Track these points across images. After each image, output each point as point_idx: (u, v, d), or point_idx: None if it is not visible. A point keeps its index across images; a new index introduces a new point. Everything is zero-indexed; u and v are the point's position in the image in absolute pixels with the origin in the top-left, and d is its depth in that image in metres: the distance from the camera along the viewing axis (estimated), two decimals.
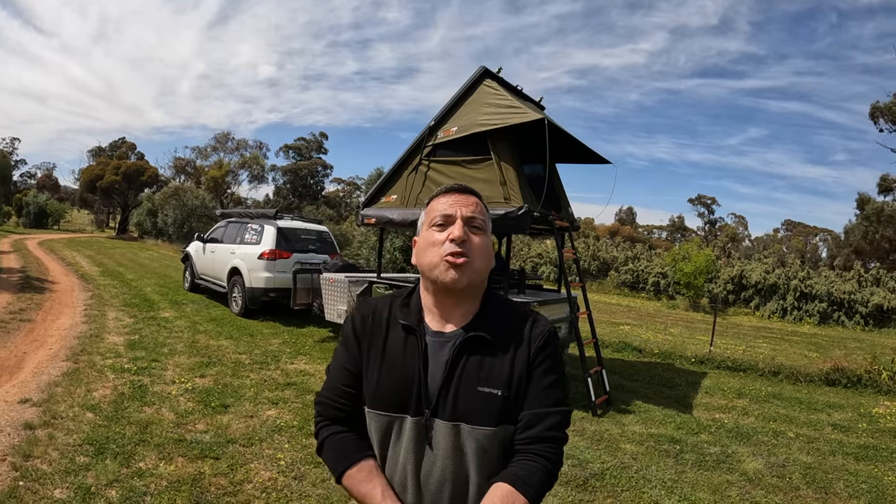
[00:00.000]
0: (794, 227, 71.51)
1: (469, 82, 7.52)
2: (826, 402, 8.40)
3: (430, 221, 1.61)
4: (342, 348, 1.68)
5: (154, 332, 9.30)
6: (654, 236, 67.65)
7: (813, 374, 9.89)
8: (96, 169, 47.64)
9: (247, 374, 7.36)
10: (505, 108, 7.02)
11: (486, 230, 1.62)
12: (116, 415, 5.39)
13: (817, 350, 13.59)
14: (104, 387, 6.23)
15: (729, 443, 6.24)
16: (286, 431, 5.44)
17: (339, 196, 64.17)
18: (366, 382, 1.59)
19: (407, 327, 1.59)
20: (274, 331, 10.49)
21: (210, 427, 5.34)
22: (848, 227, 33.34)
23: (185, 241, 31.00)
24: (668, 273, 25.07)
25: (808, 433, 6.88)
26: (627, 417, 6.92)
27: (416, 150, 7.90)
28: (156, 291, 14.17)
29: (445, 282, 1.53)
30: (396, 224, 8.06)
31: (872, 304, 20.69)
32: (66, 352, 7.57)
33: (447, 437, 1.51)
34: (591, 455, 5.51)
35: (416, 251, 1.64)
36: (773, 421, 7.30)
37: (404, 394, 1.53)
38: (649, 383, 8.80)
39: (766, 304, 22.42)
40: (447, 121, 7.63)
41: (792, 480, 5.33)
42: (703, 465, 5.54)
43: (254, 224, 12.53)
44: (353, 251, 20.92)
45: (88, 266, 19.54)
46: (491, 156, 7.05)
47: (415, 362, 1.55)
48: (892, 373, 9.70)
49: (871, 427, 7.36)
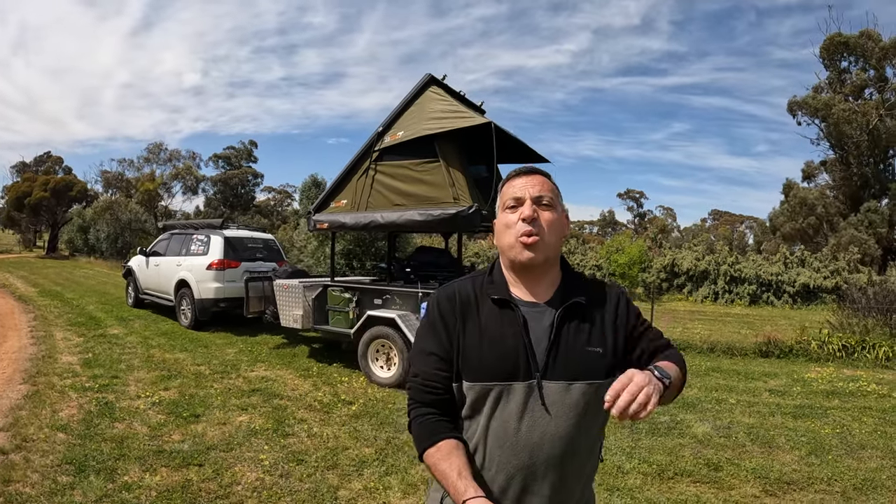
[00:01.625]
0: (720, 216, 73.39)
1: (415, 89, 7.77)
2: (762, 372, 9.02)
3: (504, 205, 1.71)
4: (428, 332, 1.72)
5: (107, 349, 9.24)
6: (585, 231, 68.69)
7: (747, 349, 10.59)
8: (23, 185, 45.91)
9: (210, 384, 7.43)
10: (451, 112, 7.31)
11: (554, 206, 1.69)
12: (89, 433, 5.42)
13: (750, 328, 14.28)
14: (69, 406, 6.22)
15: (676, 412, 6.69)
16: (262, 434, 5.59)
17: (271, 205, 63.45)
18: (463, 358, 1.64)
19: (500, 301, 1.66)
20: (227, 341, 10.54)
21: (186, 436, 5.45)
22: (773, 213, 34.49)
23: (119, 257, 30.45)
24: (603, 265, 25.66)
25: (748, 399, 7.45)
26: None
27: (364, 155, 8.10)
28: (99, 309, 13.95)
29: (522, 261, 1.63)
30: (349, 228, 8.27)
31: (799, 284, 21.77)
32: (22, 374, 7.47)
33: (561, 396, 1.58)
34: None
35: (496, 233, 1.74)
36: (714, 391, 7.83)
37: (511, 362, 1.59)
38: None
39: (699, 290, 23.36)
40: (394, 126, 7.86)
41: (738, 439, 5.82)
42: (656, 432, 5.98)
43: (199, 235, 12.46)
44: (294, 258, 20.90)
45: (24, 287, 19.03)
46: (438, 158, 7.30)
47: (517, 331, 1.61)
48: (821, 342, 10.43)
49: (804, 390, 7.97)
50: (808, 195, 31.11)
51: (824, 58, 30.84)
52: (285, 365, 8.70)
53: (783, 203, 33.17)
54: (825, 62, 31.04)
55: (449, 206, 7.10)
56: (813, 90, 31.14)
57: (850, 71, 30.64)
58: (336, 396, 7.05)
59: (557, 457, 1.58)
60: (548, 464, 1.58)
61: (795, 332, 11.23)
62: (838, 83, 30.56)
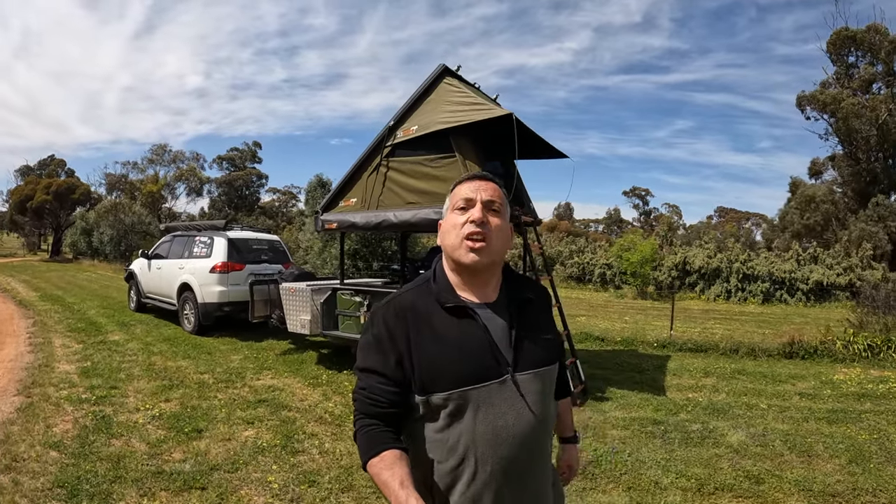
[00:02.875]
0: (726, 213, 73.30)
1: (428, 80, 7.34)
2: (788, 374, 8.63)
3: (454, 205, 1.74)
4: (373, 348, 1.72)
5: (106, 357, 8.88)
6: (590, 229, 68.45)
7: (771, 349, 10.19)
8: (26, 189, 45.81)
9: (213, 394, 7.05)
10: (468, 104, 6.88)
11: (503, 213, 1.74)
12: (83, 451, 5.05)
13: (768, 327, 13.91)
14: (64, 420, 5.86)
15: (708, 419, 6.38)
16: (270, 452, 5.19)
17: (276, 206, 63.33)
18: (427, 372, 1.66)
19: (454, 309, 1.69)
20: (232, 347, 10.15)
21: (188, 455, 5.06)
22: (782, 210, 34.35)
23: (122, 259, 30.18)
24: (613, 264, 25.38)
25: (779, 403, 7.10)
26: (606, 404, 6.96)
27: (375, 150, 7.68)
28: (101, 314, 13.62)
29: (467, 263, 1.67)
30: (359, 227, 7.85)
31: (812, 281, 21.34)
32: (16, 385, 7.13)
33: (531, 385, 1.70)
34: (582, 444, 5.44)
35: (441, 233, 1.78)
36: (743, 395, 7.48)
37: (480, 364, 1.65)
38: (618, 370, 8.84)
39: (711, 288, 22.90)
40: (406, 120, 7.43)
41: (775, 448, 5.50)
42: (689, 442, 5.66)
43: (202, 237, 12.11)
44: (300, 259, 20.57)
45: (25, 291, 18.76)
46: (454, 154, 6.89)
47: (479, 334, 1.67)
48: (846, 342, 10.05)
49: (834, 393, 7.64)
50: (817, 192, 30.98)
51: (831, 52, 30.68)
52: (293, 373, 8.30)
53: (791, 200, 32.98)
54: (832, 57, 30.91)
55: None
56: (821, 85, 31.05)
57: (857, 66, 30.49)
58: (348, 407, 6.59)
59: (538, 440, 1.73)
60: (532, 449, 1.71)
61: (819, 332, 10.87)
62: (846, 78, 30.44)
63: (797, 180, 33.76)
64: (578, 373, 7.52)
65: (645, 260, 22.42)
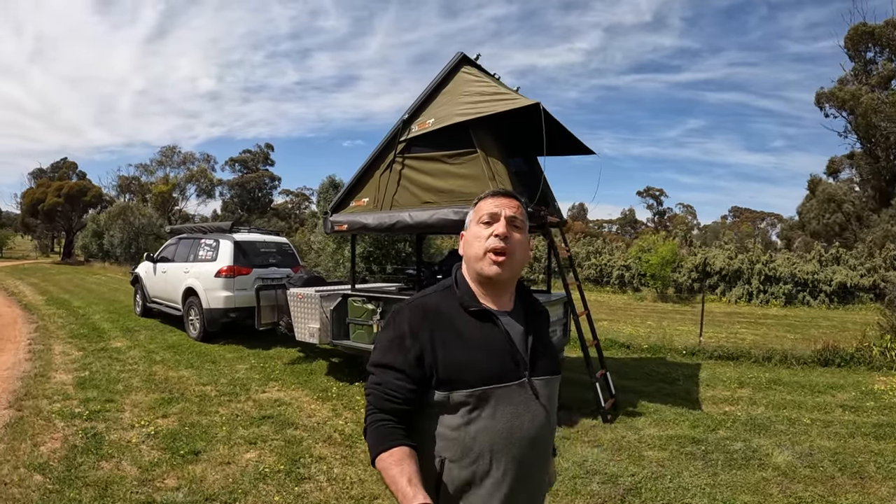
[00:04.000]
0: (740, 213, 72.91)
1: (446, 70, 6.80)
2: (826, 384, 8.20)
3: (478, 219, 1.83)
4: (394, 345, 1.76)
5: (106, 365, 8.46)
6: (604, 230, 67.90)
7: (805, 357, 9.72)
8: (37, 191, 45.83)
9: (215, 408, 6.58)
10: (490, 95, 6.33)
11: (524, 229, 1.85)
12: (69, 475, 4.60)
13: (794, 331, 13.54)
14: (53, 438, 5.43)
15: (749, 436, 5.96)
16: (272, 478, 4.70)
17: (289, 207, 63.27)
18: (448, 371, 1.71)
19: (477, 313, 1.78)
20: (238, 355, 9.66)
21: (182, 481, 4.57)
22: (801, 209, 33.88)
23: (133, 262, 29.82)
24: (631, 265, 24.85)
25: (821, 417, 6.68)
26: (639, 420, 6.49)
27: (388, 147, 7.16)
28: (105, 319, 13.24)
29: (490, 275, 1.77)
30: (371, 229, 7.31)
31: (836, 283, 20.83)
32: (9, 396, 6.74)
33: (545, 390, 1.80)
34: (618, 468, 5.07)
35: (464, 243, 1.87)
36: (783, 408, 7.05)
37: (501, 366, 1.73)
38: (647, 380, 8.40)
39: (732, 290, 22.37)
40: (422, 113, 6.91)
41: (825, 469, 5.12)
42: (733, 464, 5.23)
43: (208, 239, 11.63)
44: (311, 262, 20.12)
45: (32, 295, 18.49)
46: (475, 149, 6.36)
47: (500, 338, 1.76)
48: (882, 348, 9.64)
49: (878, 404, 7.24)
50: (836, 191, 30.54)
51: (849, 49, 30.36)
52: (301, 384, 7.81)
53: (809, 199, 32.53)
54: (850, 53, 30.61)
55: None
56: (839, 82, 30.78)
57: (876, 62, 30.15)
58: (359, 425, 6.06)
59: (546, 442, 1.84)
60: (540, 450, 1.80)
61: (854, 338, 10.39)
62: (864, 74, 30.17)
63: (816, 178, 33.31)
64: (609, 386, 7.03)
65: (665, 261, 21.86)
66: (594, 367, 6.75)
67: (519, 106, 6.05)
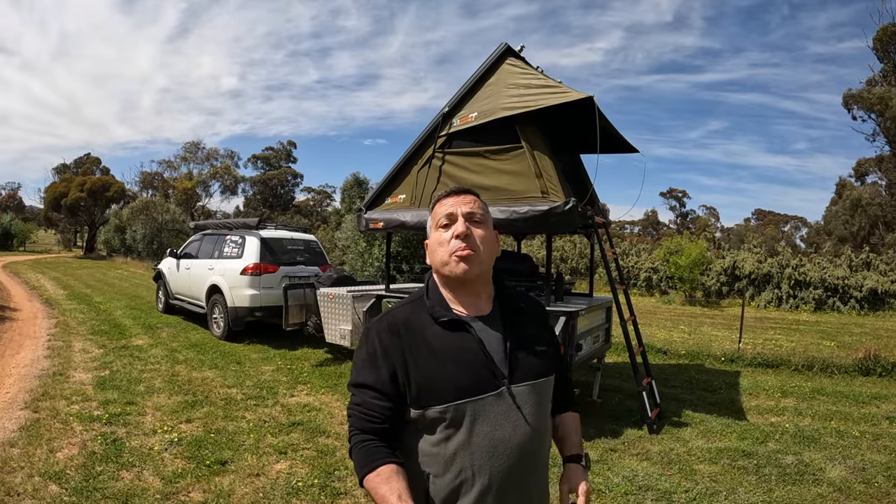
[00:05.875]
0: (764, 215, 72.26)
1: (489, 62, 6.45)
2: (870, 394, 7.94)
3: (436, 224, 1.78)
4: (368, 364, 1.72)
5: (127, 364, 8.19)
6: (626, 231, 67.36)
7: (847, 366, 9.46)
8: (60, 186, 46.19)
9: (241, 413, 6.26)
10: (537, 87, 5.98)
11: (485, 222, 1.78)
12: (87, 486, 4.28)
13: (828, 338, 13.18)
14: (70, 444, 5.12)
15: (800, 449, 5.71)
16: (306, 493, 4.34)
17: (311, 205, 63.37)
18: (422, 387, 1.66)
19: (448, 322, 1.70)
20: (264, 355, 9.34)
21: (209, 495, 4.23)
22: (827, 213, 33.39)
23: (155, 257, 29.80)
24: (659, 268, 24.37)
25: (870, 430, 6.41)
26: (685, 431, 6.17)
27: (426, 141, 6.82)
28: (127, 315, 13.04)
29: (458, 274, 1.70)
30: (410, 227, 6.97)
31: (867, 289, 20.31)
32: (25, 396, 6.46)
33: (528, 397, 1.72)
34: (670, 484, 4.77)
35: (429, 252, 1.82)
36: (830, 420, 6.76)
37: (476, 377, 1.66)
38: (688, 388, 8.07)
39: (761, 294, 21.86)
40: (464, 106, 6.57)
41: (880, 485, 4.87)
42: (786, 479, 4.98)
43: (233, 236, 11.37)
44: (336, 259, 19.88)
45: (54, 289, 18.39)
46: (521, 144, 6.01)
47: (473, 347, 1.68)
48: None
49: None
50: (863, 194, 29.99)
51: (878, 49, 29.85)
52: (330, 388, 7.46)
53: (836, 202, 32.01)
54: (879, 54, 30.00)
55: (538, 202, 5.83)
56: (867, 83, 30.36)
57: None
58: None
59: (535, 452, 1.75)
60: (528, 461, 1.73)
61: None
62: (893, 75, 29.71)
63: (844, 181, 32.76)
64: (654, 395, 6.67)
65: (694, 264, 21.35)
66: (640, 374, 6.41)
67: (572, 99, 5.71)
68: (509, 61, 6.44)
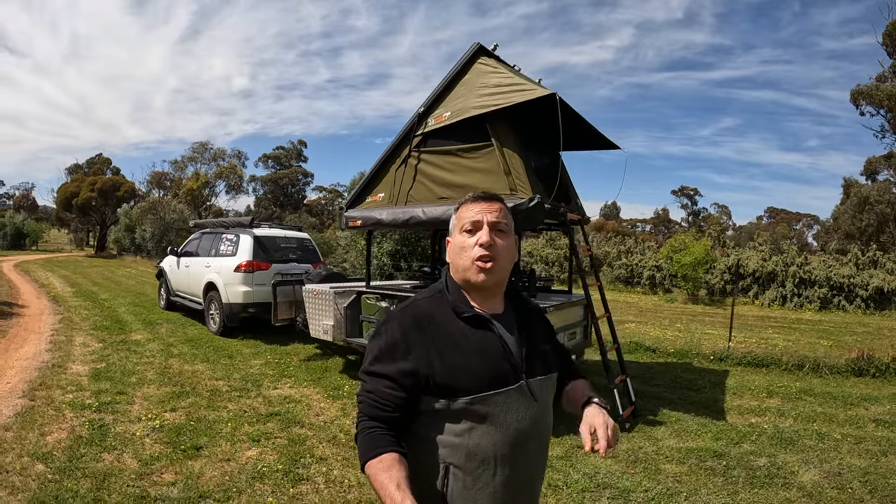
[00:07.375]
0: (776, 213, 71.88)
1: (462, 61, 6.66)
2: (860, 395, 7.81)
3: (461, 227, 1.80)
4: (387, 353, 1.74)
5: (123, 358, 8.47)
6: (637, 229, 67.23)
7: (839, 366, 9.30)
8: (71, 186, 46.69)
9: (224, 403, 6.52)
10: (506, 86, 6.17)
11: (509, 232, 1.82)
12: (70, 465, 4.58)
13: (828, 337, 13.11)
14: (60, 429, 5.42)
15: (775, 451, 5.61)
16: (269, 478, 4.59)
17: (321, 204, 63.57)
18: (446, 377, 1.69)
19: (471, 318, 1.76)
20: (255, 350, 9.63)
21: (179, 477, 4.49)
22: (835, 211, 33.26)
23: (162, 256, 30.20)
24: (663, 266, 24.43)
25: (853, 433, 6.27)
26: (659, 430, 6.18)
27: (403, 141, 7.05)
28: (129, 311, 13.37)
29: (477, 282, 1.75)
30: (385, 225, 7.18)
31: (872, 287, 20.19)
32: (24, 386, 6.77)
33: (542, 391, 1.81)
34: (631, 482, 4.76)
35: (450, 252, 1.85)
36: (812, 421, 6.66)
37: (498, 370, 1.72)
38: (671, 387, 8.07)
39: (765, 293, 21.83)
40: (438, 106, 6.78)
41: (854, 491, 4.74)
42: (755, 481, 4.88)
43: (229, 234, 11.66)
44: (338, 258, 20.10)
45: (62, 287, 18.74)
46: (491, 142, 6.22)
47: (495, 342, 1.75)
48: None
49: None
50: (870, 192, 29.74)
51: (887, 45, 29.54)
52: (314, 382, 7.70)
53: (844, 200, 31.79)
54: (888, 49, 29.78)
55: (506, 199, 5.99)
56: (876, 79, 30.03)
57: None
58: None
59: (546, 441, 1.88)
60: (542, 450, 1.86)
61: (893, 347, 9.99)
62: None
63: (851, 180, 32.62)
64: (629, 392, 6.80)
65: (697, 262, 21.43)
66: (613, 372, 6.53)
67: (534, 97, 5.88)
68: (481, 60, 6.63)
